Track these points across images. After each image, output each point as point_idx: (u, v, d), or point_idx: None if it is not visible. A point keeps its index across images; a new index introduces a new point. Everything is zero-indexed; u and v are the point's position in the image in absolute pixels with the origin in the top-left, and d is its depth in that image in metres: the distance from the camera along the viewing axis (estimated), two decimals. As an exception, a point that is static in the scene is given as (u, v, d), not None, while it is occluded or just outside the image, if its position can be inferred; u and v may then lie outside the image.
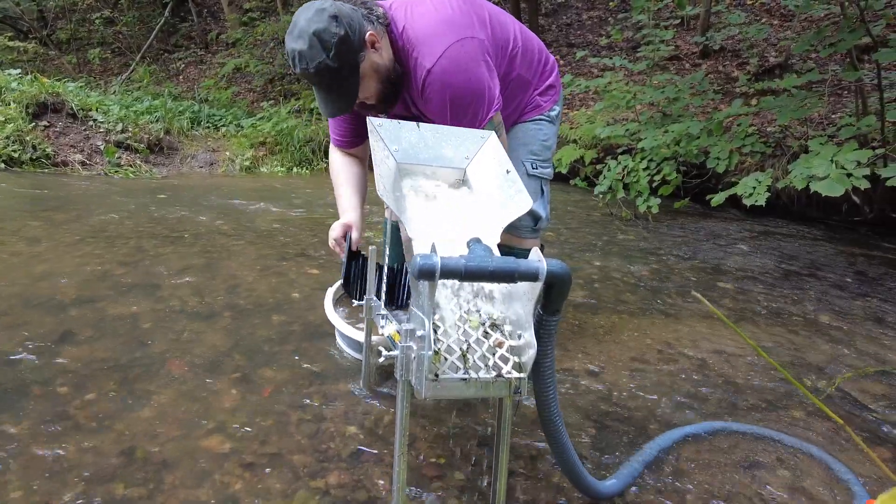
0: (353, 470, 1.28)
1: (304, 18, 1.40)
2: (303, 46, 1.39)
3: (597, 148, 5.10)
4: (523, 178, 1.72)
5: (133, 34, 11.26)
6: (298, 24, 1.41)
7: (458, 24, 1.48)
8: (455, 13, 1.50)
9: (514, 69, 1.66)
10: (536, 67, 1.73)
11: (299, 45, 1.40)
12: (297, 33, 1.40)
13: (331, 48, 1.38)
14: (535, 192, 1.75)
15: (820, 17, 5.90)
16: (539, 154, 1.77)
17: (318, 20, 1.38)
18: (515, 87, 1.69)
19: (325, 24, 1.38)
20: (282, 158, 6.47)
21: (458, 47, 1.44)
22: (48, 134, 5.44)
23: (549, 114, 1.78)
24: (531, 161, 1.75)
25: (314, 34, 1.38)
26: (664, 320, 2.24)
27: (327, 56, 1.38)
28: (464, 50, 1.45)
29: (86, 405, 1.46)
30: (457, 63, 1.44)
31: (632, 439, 1.45)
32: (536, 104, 1.75)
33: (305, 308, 2.12)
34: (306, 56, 1.39)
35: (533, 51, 1.71)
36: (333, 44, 1.38)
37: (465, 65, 1.45)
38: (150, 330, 1.88)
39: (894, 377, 1.85)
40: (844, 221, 4.10)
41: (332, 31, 1.38)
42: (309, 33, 1.38)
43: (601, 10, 8.95)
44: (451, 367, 0.93)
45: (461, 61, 1.45)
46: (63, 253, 2.57)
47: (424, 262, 0.85)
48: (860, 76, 3.35)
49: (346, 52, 1.40)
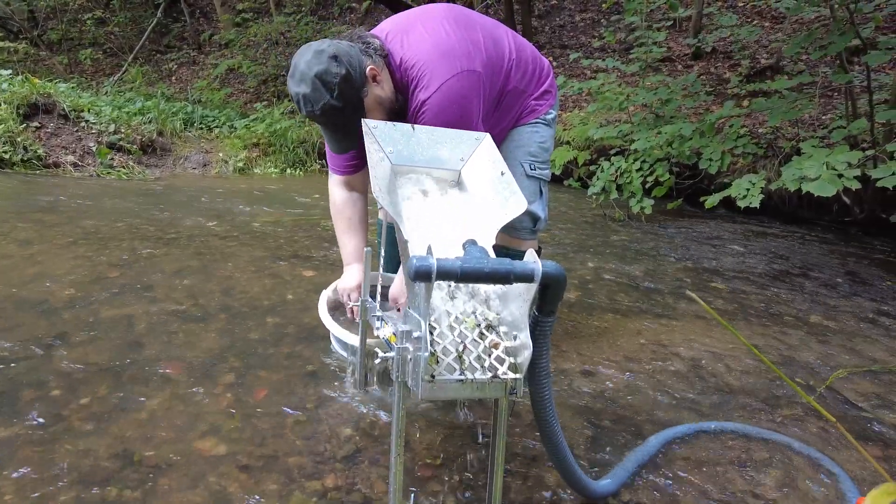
0: (348, 471, 1.28)
1: (304, 61, 1.41)
2: (306, 90, 1.40)
3: (590, 149, 5.12)
4: (522, 180, 1.73)
5: (125, 35, 11.20)
6: (299, 67, 1.42)
7: (453, 53, 1.50)
8: (451, 39, 1.52)
9: (510, 82, 1.68)
10: (531, 76, 1.75)
11: (302, 88, 1.41)
12: (298, 77, 1.41)
13: (334, 88, 1.39)
14: (534, 192, 1.76)
15: (810, 20, 5.95)
16: (537, 156, 1.78)
17: (317, 62, 1.39)
18: (511, 98, 1.71)
19: (325, 66, 1.39)
20: (275, 160, 6.46)
21: (453, 82, 1.48)
22: (39, 135, 5.40)
23: (546, 117, 1.79)
24: (529, 162, 1.76)
25: (316, 76, 1.39)
26: (658, 320, 2.25)
27: (331, 97, 1.40)
28: (458, 85, 1.49)
29: (79, 408, 1.45)
30: (451, 98, 1.49)
31: (626, 439, 1.46)
32: (532, 108, 1.76)
33: (300, 310, 2.12)
34: (311, 99, 1.41)
35: (527, 60, 1.73)
36: (336, 84, 1.39)
37: (459, 100, 1.49)
38: (144, 332, 1.88)
39: (885, 376, 1.87)
40: (835, 222, 4.13)
41: (333, 71, 1.39)
42: (311, 76, 1.39)
43: (594, 11, 8.98)
44: (448, 369, 0.93)
45: (454, 97, 1.49)
46: (55, 255, 2.56)
47: (420, 263, 0.85)
48: (850, 79, 3.39)
49: (350, 90, 1.42)
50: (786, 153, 4.12)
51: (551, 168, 1.93)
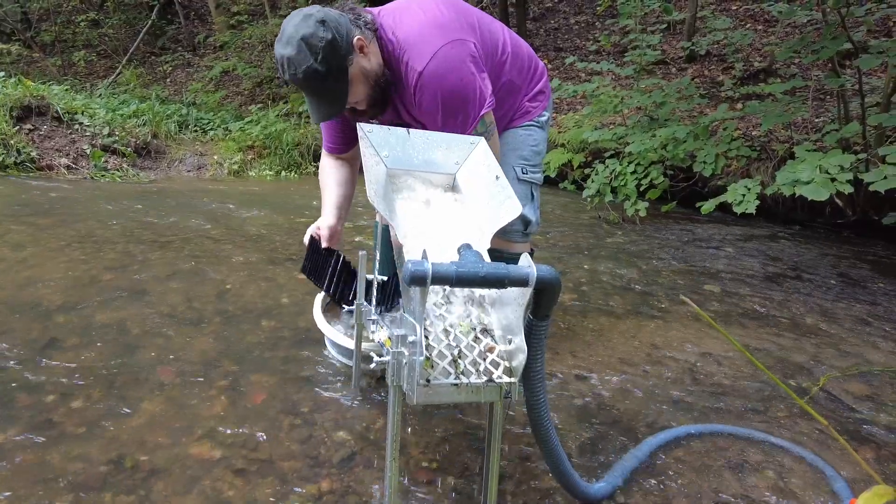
0: (344, 475, 1.28)
1: (292, 25, 1.41)
2: (291, 52, 1.40)
3: (585, 152, 5.13)
4: (513, 183, 1.73)
5: (119, 37, 11.16)
6: (286, 30, 1.42)
7: (447, 26, 1.49)
8: (445, 16, 1.52)
9: (504, 74, 1.67)
10: (526, 73, 1.75)
11: (287, 51, 1.40)
12: (285, 40, 1.41)
13: (318, 52, 1.39)
14: (525, 196, 1.77)
15: (803, 23, 5.99)
16: (529, 159, 1.78)
17: (305, 26, 1.39)
18: (506, 92, 1.70)
19: (312, 29, 1.39)
20: (270, 162, 6.45)
21: (447, 49, 1.46)
22: (33, 137, 5.38)
23: (539, 119, 1.80)
24: (521, 166, 1.76)
25: (302, 39, 1.38)
26: (652, 323, 2.26)
27: (315, 60, 1.39)
28: (453, 52, 1.46)
29: (73, 413, 1.45)
30: (447, 64, 1.45)
31: (621, 442, 1.46)
32: (526, 110, 1.76)
33: (295, 313, 2.12)
34: (294, 61, 1.40)
35: (522, 57, 1.73)
36: (321, 48, 1.39)
37: (456, 66, 1.46)
38: (138, 336, 1.87)
39: (878, 377, 1.89)
40: (828, 224, 4.16)
41: (319, 35, 1.38)
42: (297, 39, 1.39)
43: (589, 14, 9.02)
44: (443, 373, 0.93)
45: (451, 63, 1.46)
46: (49, 258, 2.54)
47: (416, 268, 0.86)
48: (843, 83, 3.41)
49: (334, 56, 1.41)
50: (780, 156, 4.14)
51: (546, 171, 1.94)
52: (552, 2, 9.79)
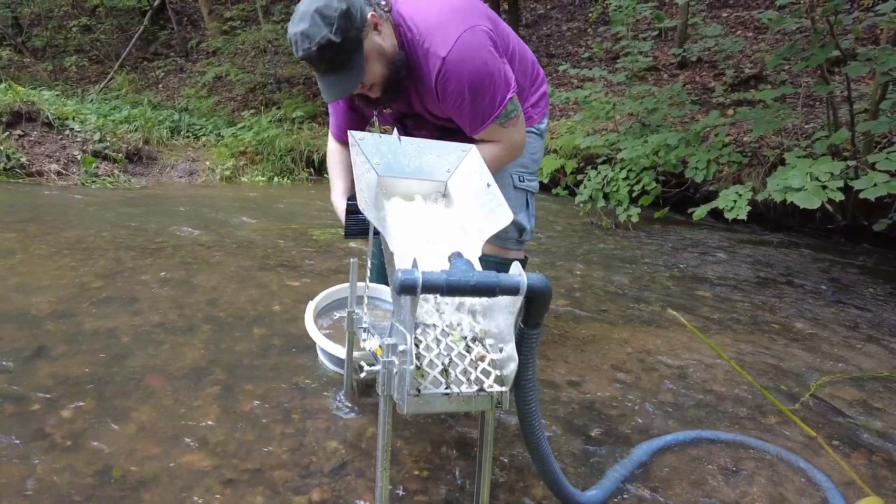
0: (335, 485, 1.27)
1: (305, 2, 1.40)
2: (305, 26, 1.38)
3: (577, 157, 5.16)
4: (509, 191, 1.73)
5: (111, 42, 11.12)
6: (300, 8, 1.41)
7: (467, 13, 1.49)
8: (462, 4, 1.51)
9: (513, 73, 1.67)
10: (529, 77, 1.75)
11: (301, 26, 1.38)
12: (298, 17, 1.40)
13: (333, 21, 1.37)
14: (520, 204, 1.76)
15: (792, 31, 6.06)
16: (527, 167, 1.78)
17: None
18: None
19: (326, 1, 1.37)
20: (263, 168, 6.44)
21: (469, 35, 1.45)
22: (22, 143, 5.34)
23: (539, 126, 1.79)
24: (519, 173, 1.76)
25: (316, 11, 1.37)
26: (645, 329, 2.26)
27: (330, 31, 1.37)
28: (476, 37, 1.46)
29: (60, 422, 1.43)
30: (471, 49, 1.45)
31: (614, 449, 1.46)
32: (528, 116, 1.75)
33: (286, 320, 2.11)
34: (308, 34, 1.38)
35: (526, 60, 1.73)
36: (335, 17, 1.37)
37: (479, 50, 1.46)
38: (128, 344, 1.85)
39: (869, 383, 1.89)
40: (819, 229, 4.19)
41: (333, 5, 1.37)
42: (310, 12, 1.37)
43: (581, 21, 9.08)
44: (433, 382, 0.93)
45: (475, 47, 1.45)
46: (38, 266, 2.52)
47: (406, 277, 0.85)
48: (832, 90, 3.44)
49: (349, 26, 1.39)
50: (771, 162, 4.18)
51: (539, 176, 1.94)
52: (544, 8, 9.85)
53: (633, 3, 4.60)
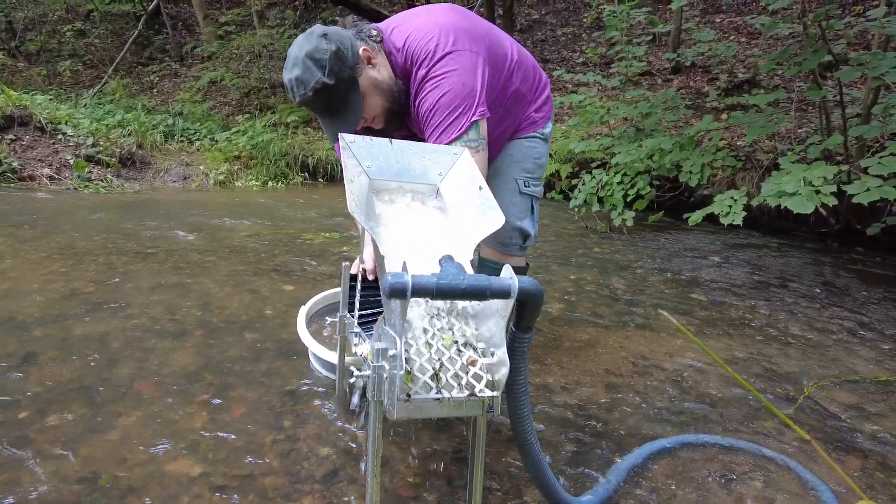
0: (326, 491, 1.25)
1: (296, 47, 1.42)
2: (298, 72, 1.40)
3: (572, 162, 5.16)
4: (515, 196, 1.72)
5: (106, 46, 11.08)
6: (291, 54, 1.42)
7: (458, 33, 1.49)
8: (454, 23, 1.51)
9: (513, 83, 1.66)
10: (532, 83, 1.73)
11: (294, 72, 1.40)
12: (291, 63, 1.42)
13: (325, 64, 1.38)
14: (525, 209, 1.75)
15: (785, 36, 6.09)
16: (532, 172, 1.76)
17: (307, 43, 1.40)
18: (514, 101, 1.68)
19: (315, 44, 1.39)
20: (257, 172, 6.42)
21: (454, 55, 1.46)
22: (14, 148, 5.31)
23: (543, 131, 1.78)
24: (524, 179, 1.74)
25: (306, 56, 1.39)
26: (639, 333, 2.26)
27: (323, 74, 1.39)
28: (460, 58, 1.46)
29: (48, 429, 1.41)
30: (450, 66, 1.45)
31: (607, 454, 1.45)
32: (532, 120, 1.74)
33: (279, 325, 2.09)
34: (302, 80, 1.40)
35: (528, 66, 1.72)
36: (327, 60, 1.38)
37: (463, 69, 1.46)
38: (119, 350, 1.83)
39: (863, 386, 1.89)
40: (812, 233, 4.20)
41: (322, 48, 1.39)
42: (301, 58, 1.39)
43: (575, 26, 9.11)
44: (424, 387, 0.92)
45: (461, 65, 1.46)
46: (28, 270, 2.50)
47: (395, 280, 0.84)
48: (824, 94, 3.46)
49: (341, 66, 1.40)
50: (765, 166, 4.19)
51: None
52: (539, 14, 9.88)
53: (627, 8, 4.62)
